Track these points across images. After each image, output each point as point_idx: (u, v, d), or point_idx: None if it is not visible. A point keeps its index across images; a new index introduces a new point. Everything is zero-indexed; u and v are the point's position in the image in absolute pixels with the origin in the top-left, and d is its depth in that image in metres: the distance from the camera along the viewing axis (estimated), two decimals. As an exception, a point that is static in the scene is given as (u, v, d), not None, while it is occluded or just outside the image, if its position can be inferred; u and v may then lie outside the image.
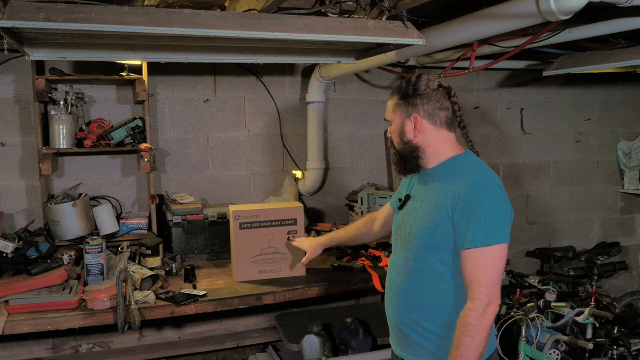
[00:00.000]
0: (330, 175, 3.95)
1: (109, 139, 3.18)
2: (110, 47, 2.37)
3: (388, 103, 1.84)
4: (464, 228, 1.62)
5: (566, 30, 2.69)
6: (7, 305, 2.44)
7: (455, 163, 1.75)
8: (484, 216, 1.60)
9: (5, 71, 3.21)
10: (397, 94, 1.80)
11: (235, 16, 2.08)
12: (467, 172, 1.70)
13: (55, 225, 3.03)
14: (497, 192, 1.65)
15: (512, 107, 4.42)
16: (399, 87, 1.81)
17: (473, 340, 1.58)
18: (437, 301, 1.72)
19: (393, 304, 1.84)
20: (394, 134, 1.82)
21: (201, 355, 3.57)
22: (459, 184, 1.66)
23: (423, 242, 1.71)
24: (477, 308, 1.59)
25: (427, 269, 1.72)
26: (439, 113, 1.74)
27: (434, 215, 1.69)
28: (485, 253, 1.60)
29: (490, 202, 1.62)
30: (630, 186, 4.67)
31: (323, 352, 2.76)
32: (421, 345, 1.76)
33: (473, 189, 1.63)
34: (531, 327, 2.85)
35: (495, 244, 1.60)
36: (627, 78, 4.43)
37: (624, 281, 4.76)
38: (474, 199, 1.61)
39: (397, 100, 1.79)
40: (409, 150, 1.78)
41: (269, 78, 3.76)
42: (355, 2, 2.44)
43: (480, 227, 1.59)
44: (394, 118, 1.81)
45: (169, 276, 2.96)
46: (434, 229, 1.69)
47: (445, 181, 1.72)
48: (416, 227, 1.74)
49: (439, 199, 1.70)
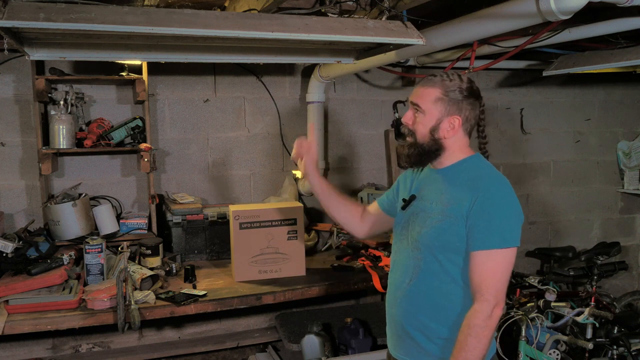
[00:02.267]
0: (330, 175, 3.95)
1: (109, 139, 3.18)
2: (110, 47, 2.37)
3: (425, 90, 1.73)
4: (479, 229, 1.62)
5: (566, 30, 2.69)
6: (7, 305, 2.44)
7: (467, 165, 1.76)
8: (500, 219, 1.62)
9: (5, 71, 3.21)
10: (441, 87, 1.71)
11: (235, 16, 2.08)
12: (481, 174, 1.71)
13: (55, 225, 3.03)
14: (512, 196, 1.67)
15: (512, 107, 4.42)
16: (444, 81, 1.72)
17: (479, 342, 1.59)
18: (447, 302, 1.71)
19: (399, 305, 1.81)
20: (423, 126, 1.73)
21: (201, 355, 3.56)
22: (474, 186, 1.67)
23: (435, 243, 1.70)
24: (485, 310, 1.59)
25: (437, 270, 1.71)
26: (471, 121, 1.77)
27: (447, 215, 1.68)
28: (498, 255, 1.62)
29: (506, 205, 1.65)
30: (630, 186, 4.67)
31: (323, 352, 2.76)
32: (423, 348, 1.75)
33: (490, 192, 1.64)
34: (531, 327, 2.85)
35: (508, 247, 1.63)
36: (627, 78, 4.42)
37: (624, 281, 4.76)
38: (490, 202, 1.63)
39: (440, 94, 1.71)
40: (433, 147, 1.74)
41: (269, 78, 3.76)
42: (355, 2, 2.44)
43: (496, 229, 1.61)
44: (431, 110, 1.72)
45: (169, 276, 2.96)
46: (446, 229, 1.68)
47: (457, 182, 1.72)
48: (427, 227, 1.72)
49: (451, 200, 1.69)
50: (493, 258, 1.62)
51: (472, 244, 1.64)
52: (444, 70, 1.86)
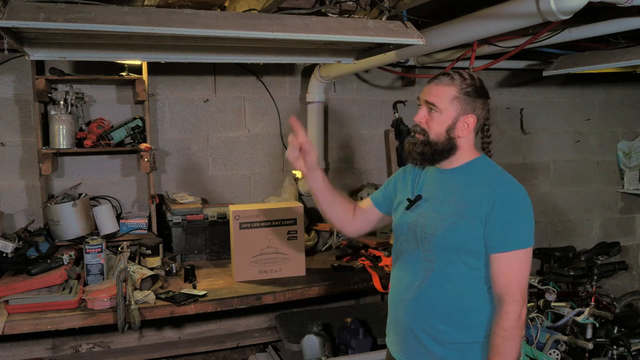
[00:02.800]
0: (330, 175, 3.95)
1: (109, 139, 3.18)
2: (110, 47, 2.37)
3: (440, 89, 1.71)
4: (500, 231, 1.63)
5: (566, 30, 2.69)
6: (7, 305, 2.44)
7: (478, 166, 1.76)
8: (521, 220, 1.65)
9: (5, 71, 3.21)
10: (457, 86, 1.70)
11: (235, 16, 2.08)
12: (495, 176, 1.73)
13: (55, 225, 3.03)
14: (527, 197, 1.70)
15: (512, 107, 4.42)
16: (459, 79, 1.71)
17: (515, 343, 1.60)
18: (460, 305, 1.69)
19: (407, 308, 1.76)
20: (439, 125, 1.71)
21: (201, 355, 3.56)
22: (490, 187, 1.67)
23: (451, 244, 1.67)
24: (515, 310, 1.61)
25: (452, 272, 1.69)
26: (482, 120, 1.77)
27: (463, 217, 1.66)
28: (522, 256, 1.65)
29: (524, 206, 1.68)
30: (630, 186, 4.67)
31: (323, 352, 2.75)
32: (431, 352, 1.71)
33: (510, 194, 1.67)
34: (531, 327, 2.85)
35: (528, 247, 1.66)
36: (627, 78, 4.42)
37: (624, 281, 4.76)
38: (512, 204, 1.65)
39: (457, 92, 1.69)
40: (447, 146, 1.73)
41: (269, 78, 3.76)
42: (355, 2, 2.44)
43: (517, 230, 1.64)
44: (448, 109, 1.70)
45: (169, 276, 2.96)
46: (462, 231, 1.66)
47: (470, 183, 1.71)
48: (442, 229, 1.69)
49: (466, 201, 1.68)
50: (517, 259, 1.64)
51: (493, 246, 1.64)
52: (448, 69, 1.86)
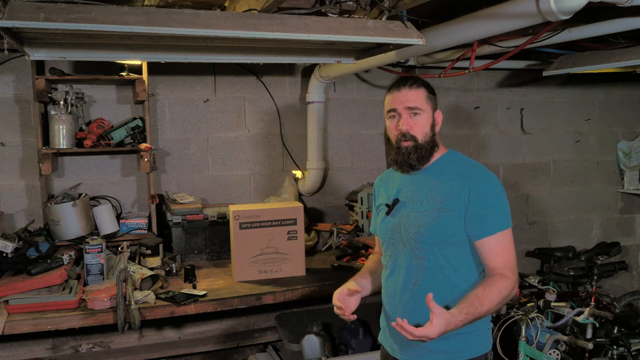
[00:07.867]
0: (330, 175, 3.95)
1: (109, 139, 3.18)
2: (110, 47, 2.37)
3: (414, 92, 1.78)
4: (480, 218, 1.70)
5: (566, 30, 2.69)
6: (7, 305, 2.44)
7: (448, 160, 1.84)
8: (498, 204, 1.73)
9: (5, 71, 3.21)
10: (424, 87, 1.80)
11: (235, 16, 2.08)
12: (465, 166, 1.81)
13: (55, 225, 3.03)
14: (499, 182, 1.79)
15: (512, 107, 4.42)
16: (421, 82, 1.81)
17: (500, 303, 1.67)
18: (455, 294, 1.72)
19: (406, 307, 1.79)
20: (424, 125, 1.79)
21: (201, 355, 3.56)
22: (465, 178, 1.74)
23: (437, 238, 1.74)
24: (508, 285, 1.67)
25: (442, 264, 1.75)
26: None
27: (443, 211, 1.73)
28: (507, 236, 1.73)
29: (498, 191, 1.76)
30: (630, 186, 4.67)
31: (323, 352, 2.75)
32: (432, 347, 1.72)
33: (483, 181, 1.75)
34: (531, 327, 2.84)
35: (510, 227, 1.74)
36: (627, 78, 4.42)
37: (624, 281, 4.76)
38: (486, 190, 1.73)
39: (426, 92, 1.80)
40: (431, 144, 1.81)
41: (269, 78, 3.76)
42: (355, 2, 2.44)
43: (498, 213, 1.72)
44: (427, 108, 1.79)
45: (169, 276, 2.96)
46: (445, 224, 1.72)
47: (445, 177, 1.78)
48: (426, 225, 1.75)
49: (444, 195, 1.75)
50: (504, 239, 1.72)
51: (476, 233, 1.71)
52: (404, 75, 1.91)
